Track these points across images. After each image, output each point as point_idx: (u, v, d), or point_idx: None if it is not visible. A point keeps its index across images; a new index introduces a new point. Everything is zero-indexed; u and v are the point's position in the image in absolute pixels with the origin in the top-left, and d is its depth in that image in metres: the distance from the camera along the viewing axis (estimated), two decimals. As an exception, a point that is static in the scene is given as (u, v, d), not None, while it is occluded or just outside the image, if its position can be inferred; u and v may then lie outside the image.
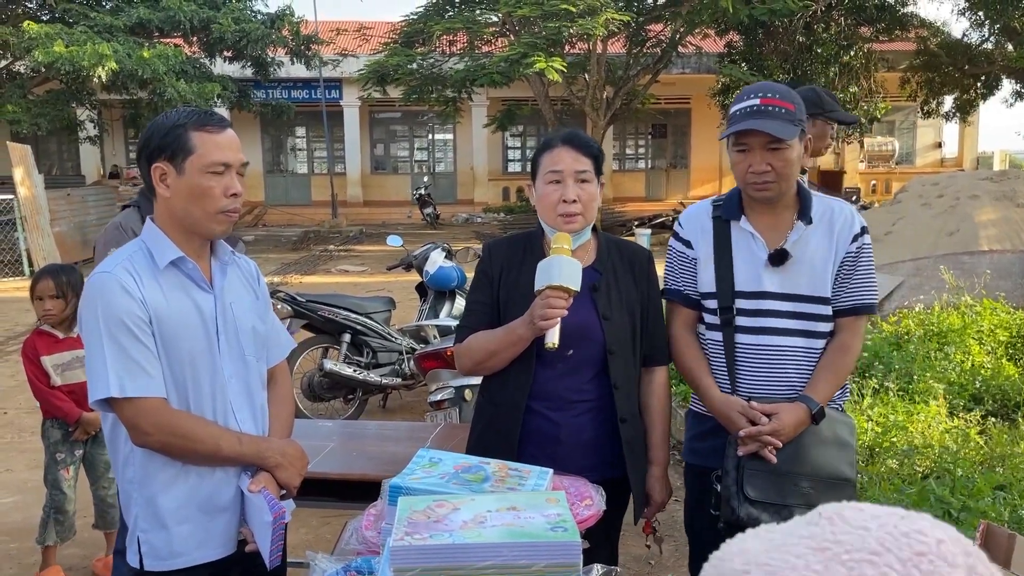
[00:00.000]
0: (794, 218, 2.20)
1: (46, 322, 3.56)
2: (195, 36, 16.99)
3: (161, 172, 1.88)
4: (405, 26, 17.65)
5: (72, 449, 3.63)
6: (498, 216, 22.65)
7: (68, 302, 3.51)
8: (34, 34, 13.72)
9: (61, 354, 3.57)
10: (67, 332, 3.58)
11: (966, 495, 3.29)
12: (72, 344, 3.57)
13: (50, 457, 3.64)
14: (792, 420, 2.08)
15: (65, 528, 3.67)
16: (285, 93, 24.33)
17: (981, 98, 20.98)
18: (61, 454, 3.61)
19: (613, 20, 14.65)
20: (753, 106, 2.08)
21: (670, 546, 3.79)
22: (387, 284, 10.81)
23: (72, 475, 3.65)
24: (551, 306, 1.97)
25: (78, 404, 3.55)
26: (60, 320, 3.56)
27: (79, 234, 14.88)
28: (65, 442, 3.61)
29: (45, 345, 3.57)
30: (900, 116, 27.68)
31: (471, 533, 1.40)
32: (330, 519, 4.09)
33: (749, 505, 2.08)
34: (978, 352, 5.27)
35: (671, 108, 26.61)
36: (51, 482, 3.63)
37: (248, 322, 2.01)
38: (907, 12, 19.19)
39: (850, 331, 2.20)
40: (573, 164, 2.14)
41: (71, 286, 3.52)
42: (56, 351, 3.57)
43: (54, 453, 3.62)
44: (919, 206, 8.24)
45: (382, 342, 5.90)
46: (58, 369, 3.57)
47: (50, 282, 3.51)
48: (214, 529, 1.93)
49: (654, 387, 2.28)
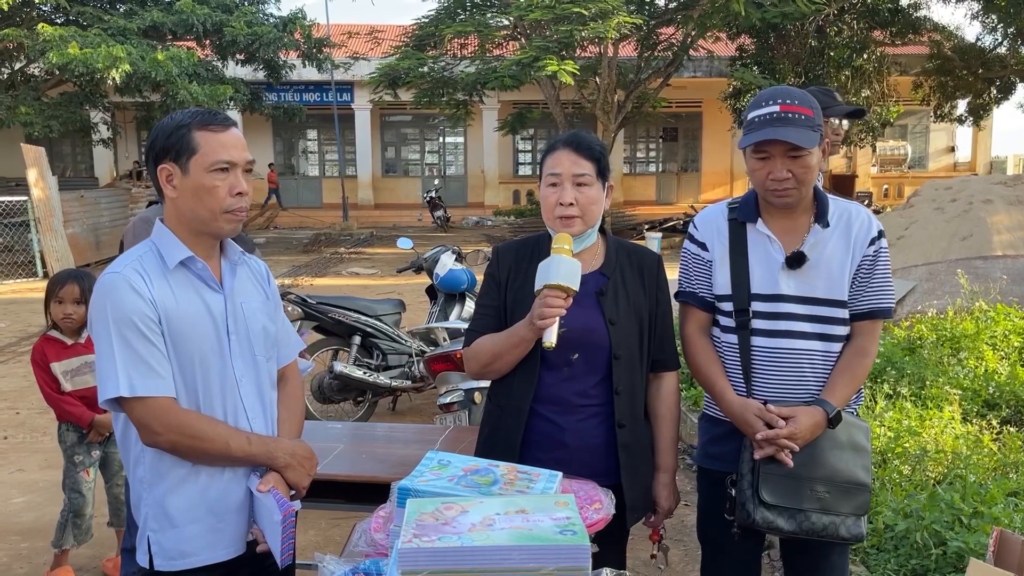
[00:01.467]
0: (811, 221, 2.18)
1: (64, 326, 3.57)
2: (208, 39, 17.12)
3: (167, 173, 1.89)
4: (416, 29, 17.71)
5: (89, 451, 3.64)
6: (508, 219, 22.67)
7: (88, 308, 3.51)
8: (48, 37, 13.83)
9: (70, 360, 3.57)
10: (75, 338, 3.58)
11: (979, 501, 3.26)
12: (80, 350, 3.57)
13: (68, 460, 3.64)
14: (809, 424, 2.06)
15: (83, 531, 3.68)
16: (297, 96, 24.45)
17: (995, 102, 20.88)
18: (79, 456, 3.62)
19: (625, 23, 14.65)
20: (773, 113, 2.06)
21: (680, 551, 3.77)
22: (397, 286, 10.84)
23: (92, 477, 3.66)
24: (549, 305, 1.96)
25: (90, 408, 3.56)
26: (77, 326, 3.56)
27: (92, 236, 14.98)
28: (81, 444, 3.62)
29: (54, 352, 3.57)
30: (913, 120, 27.57)
31: (479, 536, 1.39)
32: (339, 521, 4.09)
33: (764, 509, 2.07)
34: (992, 358, 5.23)
35: (682, 112, 26.60)
36: (70, 486, 3.64)
37: (258, 322, 2.01)
38: (920, 16, 19.13)
39: (867, 335, 2.18)
40: (571, 167, 2.13)
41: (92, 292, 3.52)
42: (65, 357, 3.57)
43: (72, 456, 3.63)
44: (932, 210, 8.19)
45: (392, 344, 5.91)
46: (67, 375, 3.57)
47: (75, 287, 3.50)
48: (224, 529, 1.93)
49: (663, 393, 2.27)
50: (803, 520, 2.07)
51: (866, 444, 2.16)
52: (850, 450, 2.12)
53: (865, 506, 2.13)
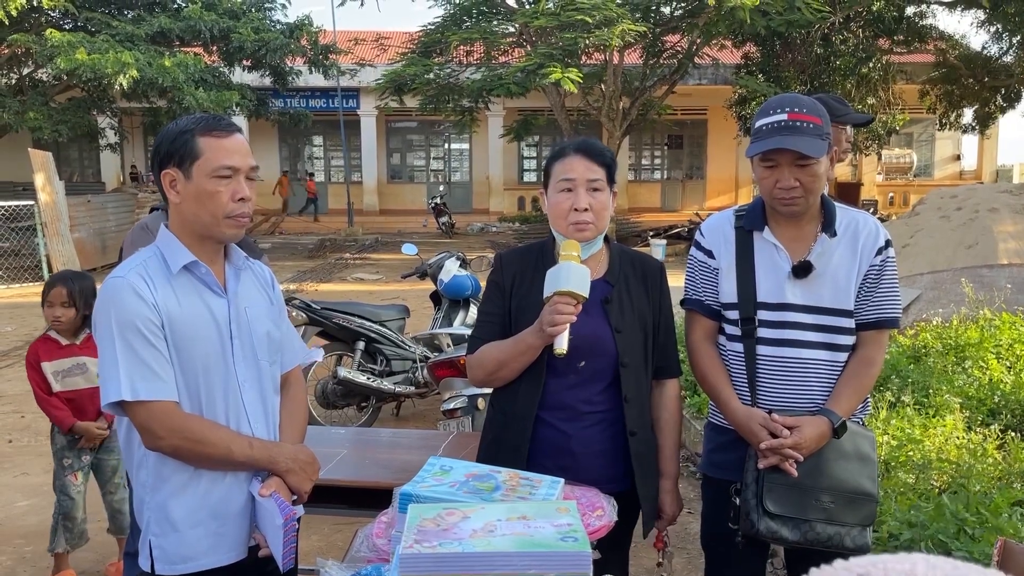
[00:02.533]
0: (818, 230, 2.18)
1: (55, 328, 3.57)
2: (215, 45, 17.18)
3: (171, 178, 1.90)
4: (422, 36, 17.76)
5: (79, 455, 3.64)
6: (513, 225, 22.68)
7: (79, 310, 3.51)
8: (57, 42, 13.90)
9: (61, 360, 3.58)
10: (71, 339, 3.59)
11: (983, 511, 3.25)
12: (74, 351, 3.58)
13: (57, 463, 3.65)
14: (814, 433, 2.06)
15: (75, 535, 3.67)
16: (303, 102, 24.51)
17: (1001, 111, 20.85)
18: (68, 459, 3.63)
19: (630, 31, 14.67)
20: (781, 121, 2.05)
21: (683, 559, 3.76)
22: (402, 292, 10.84)
23: (80, 481, 3.66)
24: (559, 312, 1.96)
25: (77, 411, 3.56)
26: (68, 327, 3.57)
27: (99, 240, 15.03)
28: (71, 448, 3.62)
29: (47, 351, 3.58)
30: (918, 128, 27.54)
31: (480, 542, 1.39)
32: (342, 526, 4.09)
33: (769, 519, 2.06)
34: (996, 367, 5.20)
35: (687, 119, 26.62)
36: (59, 488, 3.65)
37: (262, 327, 2.01)
38: (926, 24, 19.12)
39: (873, 345, 2.17)
40: (585, 172, 2.12)
41: (82, 294, 3.51)
42: (57, 357, 3.58)
43: (61, 459, 3.64)
44: (937, 219, 8.17)
45: (396, 350, 5.91)
46: (58, 375, 3.57)
47: (62, 289, 3.51)
48: (225, 534, 1.94)
49: (665, 400, 2.27)
50: (808, 530, 2.06)
51: (872, 454, 2.15)
52: (856, 460, 2.11)
53: (871, 516, 2.11)
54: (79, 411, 3.58)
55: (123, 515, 3.69)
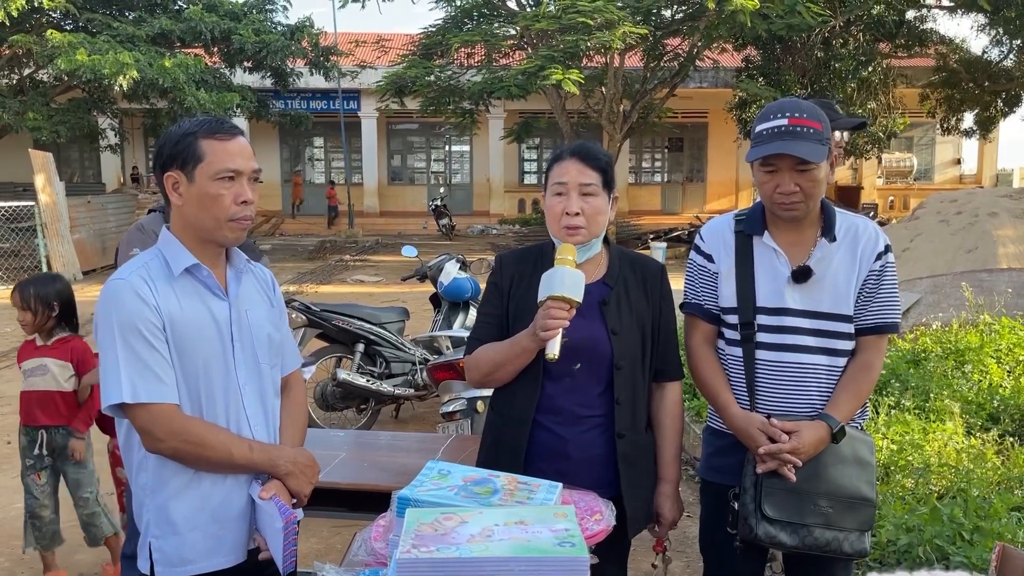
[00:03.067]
0: (818, 235, 2.18)
1: (25, 331, 3.63)
2: (216, 46, 17.18)
3: (173, 181, 1.90)
4: (423, 38, 17.78)
5: (42, 456, 3.67)
6: (514, 228, 22.69)
7: (37, 314, 3.53)
8: (57, 43, 13.90)
9: (29, 360, 3.64)
10: (45, 340, 3.63)
11: (982, 516, 3.25)
12: (45, 352, 3.62)
13: (22, 462, 3.71)
14: (812, 438, 2.05)
15: (45, 535, 3.69)
16: (304, 103, 24.52)
17: (1001, 115, 20.86)
18: (30, 460, 3.67)
19: (630, 34, 14.68)
20: (781, 126, 2.05)
21: (681, 562, 3.76)
22: (401, 294, 10.84)
23: (45, 481, 3.68)
24: (552, 316, 1.96)
25: (27, 412, 3.61)
26: (36, 330, 3.61)
27: (99, 241, 15.04)
28: (31, 448, 3.66)
29: (26, 351, 3.67)
30: (919, 132, 27.54)
31: (478, 547, 1.39)
32: (341, 529, 4.09)
33: (767, 523, 2.06)
34: (996, 371, 5.20)
35: (688, 122, 26.61)
36: (25, 487, 3.70)
37: (263, 330, 2.01)
38: (926, 28, 19.13)
39: (872, 350, 2.17)
40: (578, 177, 2.12)
41: (40, 298, 3.53)
42: (28, 357, 3.64)
43: (24, 458, 3.69)
44: (937, 223, 8.17)
45: (395, 352, 5.91)
46: (25, 374, 3.64)
47: (16, 296, 3.56)
48: (225, 537, 1.94)
49: (666, 403, 2.26)
50: (806, 535, 2.06)
51: (871, 459, 2.15)
52: (854, 465, 2.11)
53: (869, 521, 2.11)
54: (27, 412, 3.63)
55: (96, 528, 3.74)
